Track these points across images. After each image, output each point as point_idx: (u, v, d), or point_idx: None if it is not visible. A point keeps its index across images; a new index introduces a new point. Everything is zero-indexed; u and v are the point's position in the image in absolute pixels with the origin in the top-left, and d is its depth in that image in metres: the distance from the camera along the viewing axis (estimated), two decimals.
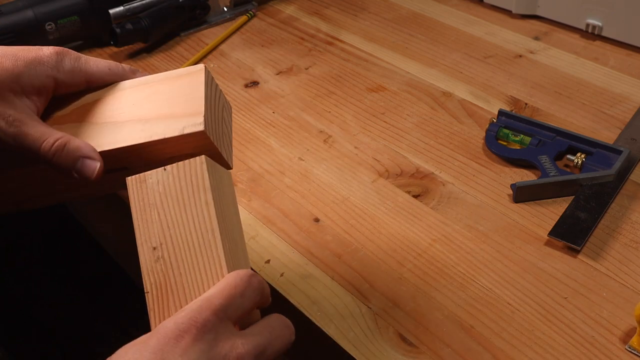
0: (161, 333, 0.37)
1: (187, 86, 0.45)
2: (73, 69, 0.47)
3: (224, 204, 0.43)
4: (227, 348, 0.38)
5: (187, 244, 0.40)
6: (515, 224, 0.59)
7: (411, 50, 0.85)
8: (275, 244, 0.58)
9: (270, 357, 0.40)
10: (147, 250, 0.41)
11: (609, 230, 0.58)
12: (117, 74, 0.49)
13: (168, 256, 0.40)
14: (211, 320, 0.38)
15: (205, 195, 0.41)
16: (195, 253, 0.40)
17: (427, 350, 0.49)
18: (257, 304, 0.41)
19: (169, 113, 0.44)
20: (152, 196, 0.42)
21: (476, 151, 0.68)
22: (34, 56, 0.46)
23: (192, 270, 0.40)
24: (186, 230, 0.41)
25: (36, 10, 0.81)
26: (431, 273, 0.55)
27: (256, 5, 0.95)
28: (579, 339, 0.49)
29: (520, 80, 0.78)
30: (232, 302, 0.39)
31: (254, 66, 0.83)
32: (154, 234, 0.41)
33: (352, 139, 0.70)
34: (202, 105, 0.44)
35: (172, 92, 0.46)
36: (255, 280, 0.41)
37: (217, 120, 0.46)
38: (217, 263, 0.40)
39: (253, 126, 0.73)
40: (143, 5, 0.86)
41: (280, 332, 0.42)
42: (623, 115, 0.71)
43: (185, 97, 0.45)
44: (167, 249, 0.41)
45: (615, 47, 0.82)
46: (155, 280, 0.40)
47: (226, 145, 0.47)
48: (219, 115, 0.46)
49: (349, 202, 0.62)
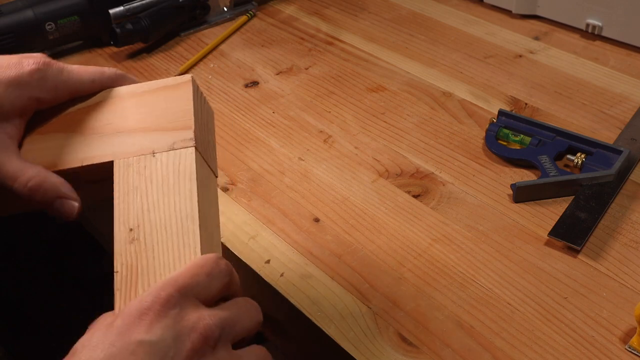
0: (125, 313, 0.37)
1: (175, 98, 0.45)
2: (56, 85, 0.45)
3: (206, 199, 0.43)
4: (194, 320, 0.37)
5: (164, 228, 0.40)
6: (515, 224, 0.59)
7: (411, 50, 0.85)
8: (275, 244, 0.58)
9: (239, 333, 0.40)
10: (124, 230, 0.41)
11: (609, 230, 0.58)
12: (103, 84, 0.47)
13: (144, 238, 0.40)
14: (175, 296, 0.37)
15: (190, 184, 0.41)
16: (172, 238, 0.40)
17: (427, 350, 0.49)
18: (226, 287, 0.40)
19: (157, 126, 0.44)
20: (137, 180, 0.42)
21: (476, 151, 0.68)
22: (15, 76, 0.43)
23: (166, 254, 0.40)
24: (166, 215, 0.41)
25: (36, 10, 0.81)
26: (431, 273, 0.55)
27: (256, 5, 0.95)
28: (579, 339, 0.49)
29: (520, 80, 0.78)
30: (197, 280, 0.38)
31: (254, 66, 0.83)
32: (132, 216, 0.41)
33: (352, 139, 0.70)
34: (192, 119, 0.43)
35: (159, 104, 0.45)
36: (223, 263, 0.40)
37: (204, 131, 0.45)
38: (192, 249, 0.40)
39: (253, 126, 0.73)
40: (143, 5, 0.86)
41: (247, 310, 0.41)
42: (623, 115, 0.71)
43: (174, 109, 0.44)
44: (144, 231, 0.40)
45: (615, 47, 0.82)
46: (126, 261, 0.40)
47: (211, 155, 0.47)
48: (205, 126, 0.46)
49: (349, 202, 0.62)
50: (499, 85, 0.77)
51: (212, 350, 0.37)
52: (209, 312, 0.38)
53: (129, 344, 0.35)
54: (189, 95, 0.44)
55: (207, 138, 0.46)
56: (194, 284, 0.38)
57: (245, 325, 0.40)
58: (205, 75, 0.82)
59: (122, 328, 0.36)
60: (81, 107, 0.47)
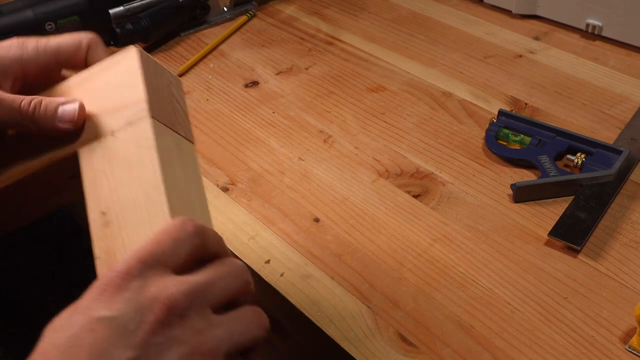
0: (88, 292, 0.35)
1: (123, 74, 0.44)
2: (37, 46, 0.46)
3: (175, 167, 0.42)
4: (156, 289, 0.35)
5: (133, 205, 0.40)
6: (515, 224, 0.59)
7: (411, 50, 0.85)
8: (275, 244, 0.58)
9: (220, 296, 0.37)
10: (97, 215, 0.40)
11: (609, 230, 0.58)
12: (80, 43, 0.47)
13: (117, 219, 0.40)
14: (136, 267, 0.35)
15: (151, 153, 0.40)
16: (142, 213, 0.39)
17: (427, 350, 0.49)
18: (198, 249, 0.38)
19: (112, 106, 0.44)
20: (102, 163, 0.42)
21: (476, 151, 0.68)
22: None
23: (139, 230, 0.39)
24: (132, 190, 0.40)
25: (36, 10, 0.81)
26: (431, 273, 0.55)
27: (256, 5, 0.95)
28: (579, 339, 0.49)
29: (520, 80, 0.78)
30: (162, 247, 0.36)
31: (254, 66, 0.83)
32: (103, 200, 0.40)
33: (352, 139, 0.70)
34: (142, 90, 0.43)
35: (109, 83, 0.45)
36: (190, 225, 0.37)
37: (163, 99, 0.44)
38: (163, 219, 0.39)
39: (253, 126, 0.73)
40: (143, 5, 0.86)
41: (230, 271, 0.38)
42: (623, 115, 0.71)
43: (124, 85, 0.44)
44: (116, 212, 0.40)
45: (615, 47, 0.82)
46: (105, 245, 0.39)
47: (182, 122, 0.45)
48: (166, 95, 0.45)
49: (349, 202, 0.62)
50: (499, 85, 0.77)
51: (181, 319, 0.35)
52: (175, 280, 0.36)
53: (89, 322, 0.34)
54: (136, 68, 0.44)
55: (170, 105, 0.45)
56: (158, 252, 0.36)
57: (228, 286, 0.38)
58: (205, 75, 0.82)
59: (83, 307, 0.35)
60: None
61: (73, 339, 0.33)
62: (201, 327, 0.36)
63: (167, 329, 0.35)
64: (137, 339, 0.34)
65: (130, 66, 0.44)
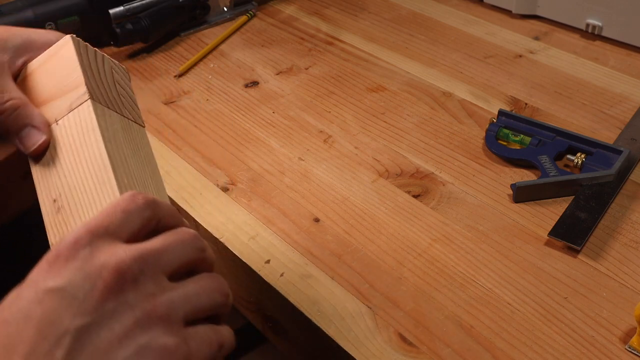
0: (37, 266, 0.35)
1: (61, 63, 0.45)
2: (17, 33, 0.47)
3: (122, 146, 0.42)
4: (105, 257, 0.35)
5: (83, 188, 0.40)
6: (515, 224, 0.59)
7: (411, 50, 0.85)
8: (275, 244, 0.58)
9: (174, 262, 0.37)
10: (49, 203, 0.41)
11: (609, 230, 0.58)
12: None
13: (68, 205, 0.40)
14: (84, 237, 0.35)
15: (94, 134, 0.41)
16: (92, 194, 0.40)
17: (427, 350, 0.49)
18: (149, 221, 0.37)
19: (54, 95, 0.45)
20: (48, 152, 0.42)
21: (476, 151, 0.68)
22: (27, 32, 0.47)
23: (90, 212, 0.39)
24: (81, 174, 0.40)
25: (36, 10, 0.81)
26: (431, 273, 0.55)
27: (256, 5, 0.95)
28: (579, 339, 0.49)
29: (520, 80, 0.78)
30: (111, 219, 0.36)
31: (254, 66, 0.83)
32: (53, 187, 0.41)
33: (352, 139, 0.70)
34: (80, 75, 0.44)
35: (50, 73, 0.46)
36: (140, 197, 0.37)
37: (106, 85, 0.45)
38: (111, 196, 0.39)
39: (253, 126, 0.73)
40: (143, 5, 0.86)
41: (184, 239, 0.38)
42: (623, 115, 0.71)
43: (63, 73, 0.45)
44: (67, 197, 0.40)
45: (615, 47, 0.82)
46: (58, 232, 0.40)
47: (128, 106, 0.46)
48: (108, 80, 0.46)
49: (349, 202, 0.62)
50: (499, 85, 0.77)
51: (133, 285, 0.34)
52: (125, 247, 0.35)
53: (37, 294, 0.33)
54: (72, 55, 0.45)
55: (114, 90, 0.46)
56: (107, 222, 0.36)
57: (182, 253, 0.37)
58: (205, 75, 0.82)
59: (31, 280, 0.34)
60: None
61: (22, 312, 0.33)
62: (154, 292, 0.35)
63: (119, 294, 0.34)
64: (87, 306, 0.33)
65: (67, 55, 0.45)
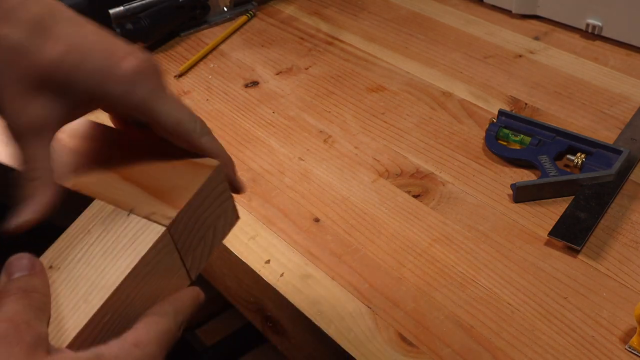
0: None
1: (190, 174, 0.41)
2: (139, 104, 0.39)
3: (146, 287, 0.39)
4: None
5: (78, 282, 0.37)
6: (515, 224, 0.59)
7: (411, 50, 0.85)
8: (275, 244, 0.58)
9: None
10: (45, 262, 0.38)
11: (609, 230, 0.58)
12: (182, 134, 0.40)
13: (59, 278, 0.38)
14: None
15: (131, 259, 0.37)
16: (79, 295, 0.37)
17: (427, 350, 0.49)
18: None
19: (153, 189, 0.41)
20: (96, 227, 0.39)
21: (476, 151, 0.68)
22: (108, 68, 0.38)
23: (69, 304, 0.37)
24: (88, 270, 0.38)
25: None
26: (431, 273, 0.55)
27: (256, 5, 0.95)
28: (579, 339, 0.49)
29: (520, 80, 0.78)
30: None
31: (254, 66, 0.83)
32: (63, 255, 0.38)
33: (352, 139, 0.70)
34: (185, 201, 0.39)
35: (176, 170, 0.42)
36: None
37: (198, 225, 0.41)
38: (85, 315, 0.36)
39: (253, 126, 0.73)
40: (143, 5, 0.86)
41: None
42: (623, 115, 0.71)
43: (180, 184, 0.40)
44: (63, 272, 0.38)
45: (615, 47, 0.82)
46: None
47: (197, 256, 0.41)
48: (208, 221, 0.41)
49: (349, 202, 0.62)
50: (499, 85, 0.77)
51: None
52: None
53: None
54: (202, 179, 0.40)
55: (201, 235, 0.41)
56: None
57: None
58: (205, 75, 0.82)
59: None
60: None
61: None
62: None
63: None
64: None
65: (199, 173, 0.41)
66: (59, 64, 0.38)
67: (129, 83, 0.38)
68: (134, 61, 0.38)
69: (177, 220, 0.39)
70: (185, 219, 0.39)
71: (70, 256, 0.38)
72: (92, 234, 0.39)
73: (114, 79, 0.38)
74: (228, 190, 0.43)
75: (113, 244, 0.38)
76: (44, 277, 0.36)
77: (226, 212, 0.43)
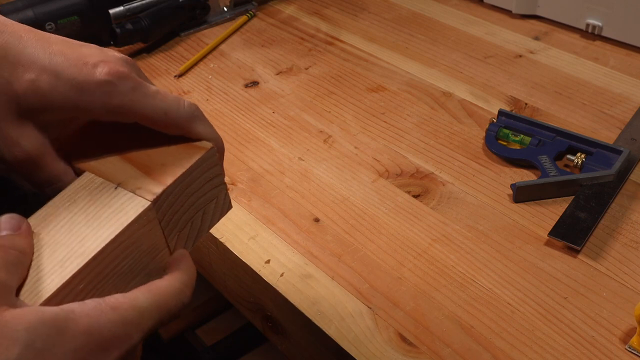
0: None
1: (182, 154, 0.41)
2: (122, 105, 0.39)
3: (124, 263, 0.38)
4: None
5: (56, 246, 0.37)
6: (515, 224, 0.59)
7: (411, 50, 0.85)
8: (275, 244, 0.58)
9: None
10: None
11: (609, 230, 0.58)
12: (170, 123, 0.40)
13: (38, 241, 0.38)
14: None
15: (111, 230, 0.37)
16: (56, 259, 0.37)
17: (427, 350, 0.49)
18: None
19: (143, 164, 0.41)
20: (83, 197, 0.39)
21: (476, 151, 0.68)
22: (83, 80, 0.38)
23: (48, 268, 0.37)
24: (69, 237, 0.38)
25: (36, 10, 0.81)
26: (431, 273, 0.55)
27: (256, 5, 0.95)
28: (579, 339, 0.49)
29: (520, 80, 0.78)
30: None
31: (254, 66, 0.83)
32: (46, 221, 0.38)
33: (352, 139, 0.70)
34: (173, 179, 0.39)
35: (169, 149, 0.42)
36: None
37: (186, 205, 0.41)
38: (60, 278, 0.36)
39: (253, 126, 0.73)
40: (143, 5, 0.86)
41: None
42: (623, 115, 0.71)
43: (171, 161, 0.40)
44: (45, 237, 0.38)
45: (615, 47, 0.82)
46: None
47: (183, 238, 0.41)
48: (197, 203, 0.41)
49: (349, 202, 0.62)
50: (499, 85, 0.77)
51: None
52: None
53: None
54: (193, 160, 0.41)
55: (189, 217, 0.41)
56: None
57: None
58: (205, 75, 0.82)
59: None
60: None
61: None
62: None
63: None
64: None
65: (191, 154, 0.41)
66: (34, 90, 0.38)
67: (106, 89, 0.38)
68: (106, 66, 0.38)
69: (163, 196, 0.39)
70: (172, 197, 0.40)
71: (53, 223, 0.38)
72: (78, 204, 0.39)
73: (91, 90, 0.38)
74: (221, 175, 0.43)
75: (97, 215, 0.38)
76: (28, 238, 0.37)
77: (217, 197, 0.43)
